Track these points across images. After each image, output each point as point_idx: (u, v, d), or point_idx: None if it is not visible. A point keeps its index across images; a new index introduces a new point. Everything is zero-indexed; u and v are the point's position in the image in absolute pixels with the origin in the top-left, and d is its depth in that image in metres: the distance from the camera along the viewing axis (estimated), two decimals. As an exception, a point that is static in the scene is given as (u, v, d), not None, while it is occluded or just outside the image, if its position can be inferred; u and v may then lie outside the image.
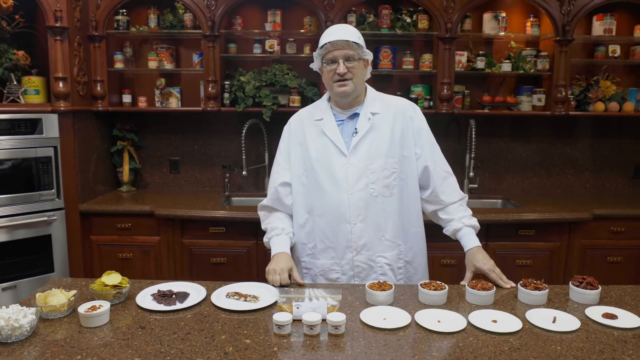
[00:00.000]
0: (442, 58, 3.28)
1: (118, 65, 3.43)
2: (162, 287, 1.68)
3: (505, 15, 3.37)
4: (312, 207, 1.89)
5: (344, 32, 1.77)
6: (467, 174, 3.51)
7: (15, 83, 3.02)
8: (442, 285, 1.61)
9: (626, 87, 3.50)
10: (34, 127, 2.94)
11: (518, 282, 1.66)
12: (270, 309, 1.54)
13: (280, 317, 1.38)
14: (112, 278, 1.61)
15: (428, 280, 1.75)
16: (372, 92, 1.92)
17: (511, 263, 3.00)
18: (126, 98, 3.51)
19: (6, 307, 1.39)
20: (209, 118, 3.66)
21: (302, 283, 1.76)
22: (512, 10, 3.49)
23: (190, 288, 1.69)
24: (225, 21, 3.38)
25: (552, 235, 3.05)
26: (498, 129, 3.66)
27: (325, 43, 1.76)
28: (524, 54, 3.45)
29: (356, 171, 1.82)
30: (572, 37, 3.23)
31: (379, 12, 3.36)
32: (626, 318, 1.46)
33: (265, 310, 1.54)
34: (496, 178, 3.72)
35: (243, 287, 1.70)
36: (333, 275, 1.89)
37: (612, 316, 1.46)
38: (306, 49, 3.45)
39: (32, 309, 1.41)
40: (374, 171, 1.82)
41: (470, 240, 1.85)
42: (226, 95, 3.38)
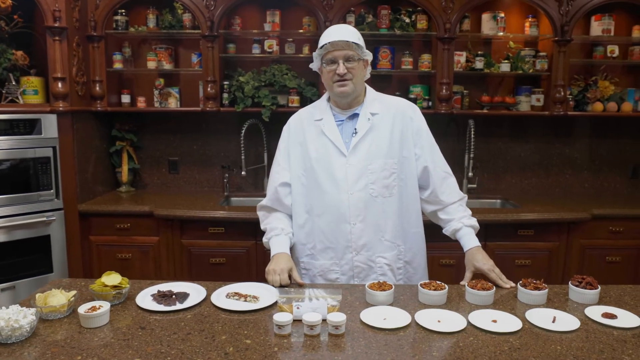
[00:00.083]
0: (441, 58, 3.29)
1: (117, 65, 3.43)
2: (162, 288, 1.68)
3: (503, 15, 3.38)
4: (312, 208, 1.89)
5: (344, 33, 1.77)
6: (466, 174, 3.51)
7: (14, 83, 3.02)
8: (442, 285, 1.61)
9: (624, 87, 3.51)
10: (33, 128, 2.94)
11: (518, 282, 1.66)
12: (270, 309, 1.54)
13: (280, 318, 1.38)
14: (112, 278, 1.61)
15: (428, 280, 1.74)
16: (372, 93, 1.92)
17: (510, 263, 3.00)
18: (125, 98, 3.51)
19: (6, 308, 1.38)
20: (208, 118, 3.66)
21: (302, 283, 1.76)
22: (511, 10, 3.50)
23: (190, 288, 1.68)
24: (224, 21, 3.38)
25: (551, 235, 3.06)
26: (497, 129, 3.67)
27: (325, 43, 1.76)
28: (523, 54, 3.45)
29: (356, 171, 1.82)
30: (571, 38, 3.24)
31: (378, 13, 3.36)
32: (626, 318, 1.47)
33: (265, 310, 1.54)
34: (495, 178, 3.72)
35: (243, 288, 1.70)
36: (332, 275, 1.89)
37: (612, 316, 1.47)
38: (305, 49, 3.45)
39: (32, 310, 1.40)
40: (374, 171, 1.82)
41: (469, 240, 1.86)
42: (225, 95, 3.38)
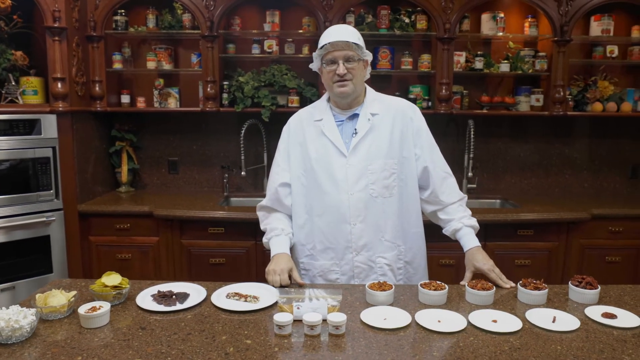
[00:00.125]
0: (441, 58, 3.29)
1: (116, 65, 3.42)
2: (162, 288, 1.68)
3: (503, 15, 3.38)
4: (312, 208, 1.89)
5: (344, 33, 1.77)
6: (466, 174, 3.52)
7: (13, 83, 3.02)
8: (442, 285, 1.61)
9: (624, 88, 3.52)
10: (32, 128, 2.93)
11: (518, 282, 1.66)
12: (270, 310, 1.54)
13: (280, 318, 1.38)
14: (112, 279, 1.61)
15: (428, 280, 1.74)
16: (372, 93, 1.92)
17: (510, 263, 3.01)
18: (125, 98, 3.51)
19: (6, 308, 1.38)
20: (208, 118, 3.66)
21: (302, 283, 1.76)
22: (510, 10, 3.50)
23: (190, 289, 1.68)
24: (223, 21, 3.38)
25: (551, 235, 3.06)
26: (496, 129, 3.67)
27: (325, 44, 1.76)
28: (522, 55, 3.46)
29: (356, 172, 1.82)
30: (570, 38, 3.25)
31: (378, 13, 3.36)
32: (626, 318, 1.47)
33: (265, 310, 1.54)
34: (494, 178, 3.73)
35: (243, 288, 1.70)
36: (332, 276, 1.88)
37: (612, 316, 1.47)
38: (305, 49, 3.45)
39: (32, 310, 1.40)
40: (374, 172, 1.82)
41: (469, 240, 1.86)
42: (225, 95, 3.38)
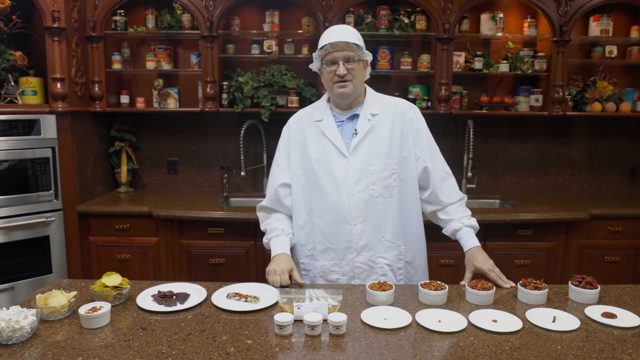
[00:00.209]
0: (440, 59, 3.29)
1: (116, 66, 3.42)
2: (163, 288, 1.68)
3: (502, 16, 3.38)
4: (312, 208, 1.89)
5: (344, 34, 1.77)
6: (465, 174, 3.52)
7: (12, 84, 3.01)
8: (443, 285, 1.62)
9: (623, 88, 3.52)
10: (32, 128, 2.93)
11: (518, 282, 1.66)
12: (271, 310, 1.55)
13: (281, 318, 1.38)
14: (113, 279, 1.61)
15: (428, 280, 1.75)
16: (372, 93, 1.92)
17: (509, 263, 3.01)
18: (124, 99, 3.50)
19: (6, 309, 1.38)
20: (207, 119, 3.66)
21: (303, 283, 1.76)
22: (510, 11, 3.51)
23: (190, 289, 1.69)
24: (223, 22, 3.38)
25: (550, 235, 3.06)
26: (496, 129, 3.67)
27: (325, 44, 1.76)
28: (522, 55, 3.46)
29: (356, 172, 1.82)
30: (569, 38, 3.25)
31: (377, 13, 3.37)
32: (625, 317, 1.47)
33: (266, 310, 1.54)
34: (494, 178, 3.73)
35: (243, 288, 1.70)
36: (333, 276, 1.88)
37: (612, 315, 1.47)
38: (304, 50, 3.45)
39: (33, 311, 1.40)
40: (374, 172, 1.82)
41: (469, 240, 1.86)
42: (224, 95, 3.38)
